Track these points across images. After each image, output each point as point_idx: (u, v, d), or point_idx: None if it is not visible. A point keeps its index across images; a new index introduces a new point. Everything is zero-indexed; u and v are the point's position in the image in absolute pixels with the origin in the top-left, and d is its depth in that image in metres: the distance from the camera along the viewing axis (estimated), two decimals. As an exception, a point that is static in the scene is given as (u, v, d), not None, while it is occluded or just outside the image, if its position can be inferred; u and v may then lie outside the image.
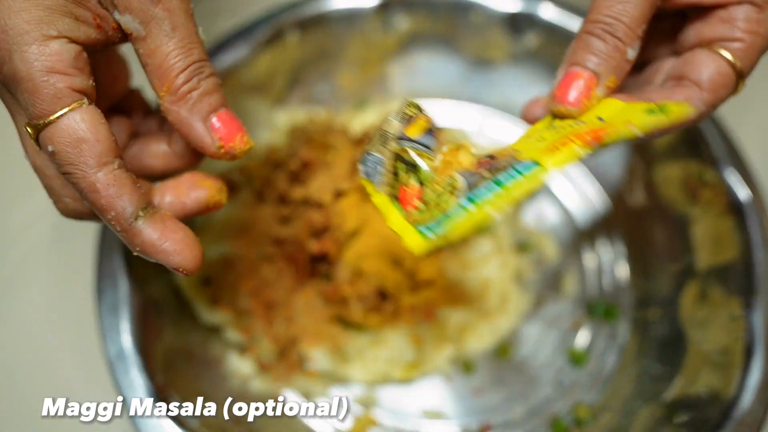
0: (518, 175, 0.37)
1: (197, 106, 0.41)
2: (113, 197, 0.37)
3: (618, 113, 0.41)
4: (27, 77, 0.34)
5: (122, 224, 0.38)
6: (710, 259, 0.68)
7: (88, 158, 0.35)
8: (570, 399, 0.71)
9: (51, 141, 0.36)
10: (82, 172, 0.36)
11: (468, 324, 0.70)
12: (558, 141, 0.39)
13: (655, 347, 0.70)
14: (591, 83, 0.42)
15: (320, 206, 0.64)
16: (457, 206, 0.38)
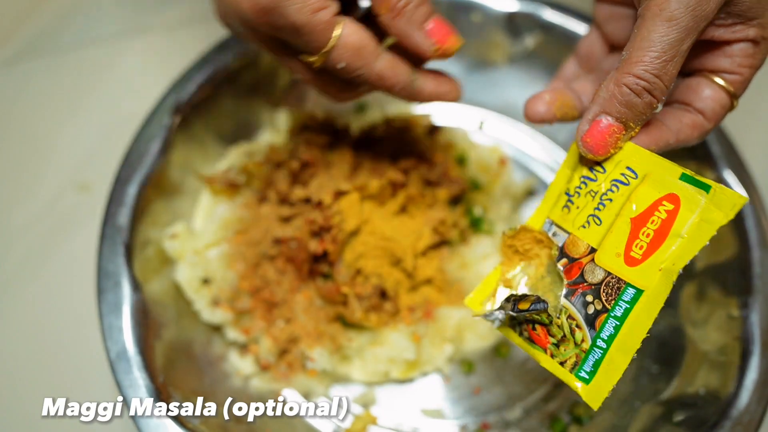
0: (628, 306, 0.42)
1: (413, 18, 0.47)
2: (395, 75, 0.49)
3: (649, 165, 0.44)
4: (304, 22, 0.44)
5: (408, 90, 0.51)
6: (708, 258, 0.69)
7: (369, 57, 0.47)
8: (568, 398, 0.71)
9: (339, 59, 0.47)
10: (368, 69, 0.47)
11: (467, 323, 0.70)
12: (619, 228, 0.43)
13: (654, 347, 0.71)
14: (620, 134, 0.43)
15: (320, 206, 0.65)
16: (595, 348, 0.43)
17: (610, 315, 0.42)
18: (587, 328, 0.44)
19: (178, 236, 0.68)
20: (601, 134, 0.43)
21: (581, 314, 0.44)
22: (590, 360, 0.43)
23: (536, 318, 0.47)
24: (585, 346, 0.44)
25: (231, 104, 0.78)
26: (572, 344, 0.44)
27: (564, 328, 0.45)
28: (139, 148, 0.67)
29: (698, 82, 0.47)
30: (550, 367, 0.46)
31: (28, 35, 1.01)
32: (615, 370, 0.42)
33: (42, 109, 0.94)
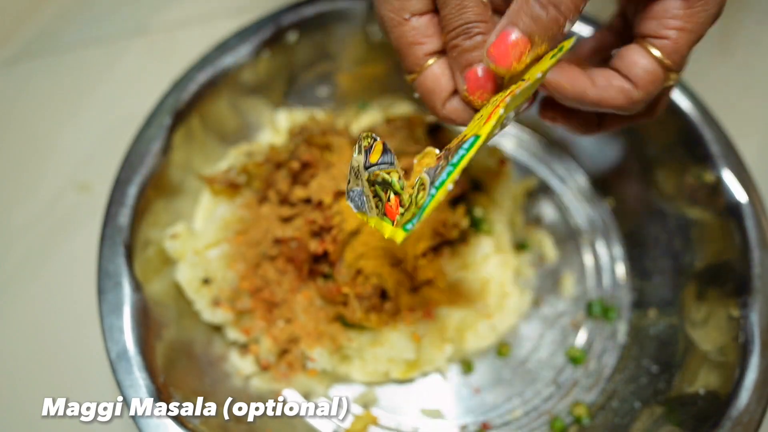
0: (465, 152, 0.42)
1: (457, 60, 0.50)
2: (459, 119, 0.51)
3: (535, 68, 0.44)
4: (399, 48, 0.51)
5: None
6: (708, 259, 0.69)
7: (437, 102, 0.51)
8: (569, 398, 0.71)
9: (416, 89, 0.52)
10: (436, 111, 0.52)
11: (467, 323, 0.71)
12: (490, 112, 0.44)
13: (654, 347, 0.71)
14: (524, 48, 0.43)
15: (321, 206, 0.65)
16: (428, 197, 0.43)
17: (449, 164, 0.42)
18: (431, 188, 0.43)
19: (179, 236, 0.68)
20: (505, 46, 0.43)
21: (429, 177, 0.44)
22: (419, 213, 0.43)
23: (389, 180, 0.47)
24: (422, 201, 0.43)
25: (231, 105, 0.78)
26: (413, 206, 0.44)
27: (412, 196, 0.45)
28: (139, 149, 0.67)
29: (634, 49, 0.46)
30: (387, 233, 0.45)
31: (29, 35, 1.01)
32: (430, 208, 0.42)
33: (42, 109, 0.94)
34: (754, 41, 0.93)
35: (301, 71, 0.82)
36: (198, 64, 0.73)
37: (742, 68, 0.92)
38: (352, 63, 0.83)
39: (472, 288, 0.71)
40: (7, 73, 0.97)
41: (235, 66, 0.75)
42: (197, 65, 0.73)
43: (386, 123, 0.75)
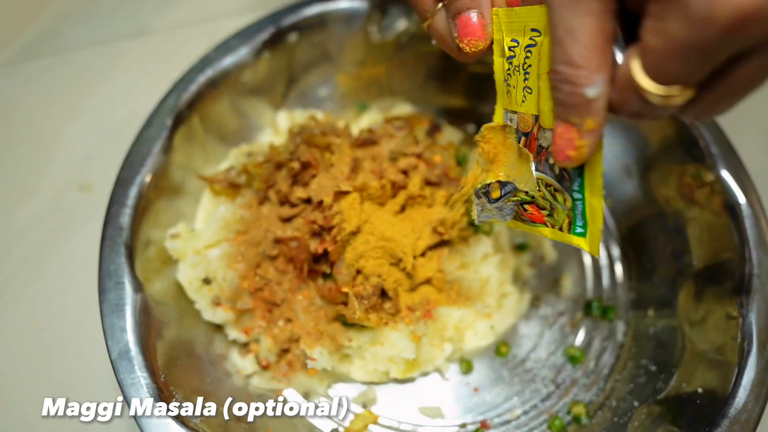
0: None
1: (449, 6, 0.52)
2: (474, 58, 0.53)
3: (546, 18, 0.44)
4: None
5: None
6: (706, 259, 0.69)
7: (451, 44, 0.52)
8: (567, 397, 0.71)
9: (432, 35, 0.55)
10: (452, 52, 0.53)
11: (467, 323, 0.71)
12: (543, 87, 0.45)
13: (652, 346, 0.71)
14: (574, 134, 0.41)
15: (321, 206, 0.65)
16: (573, 200, 0.47)
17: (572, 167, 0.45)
18: (562, 187, 0.47)
19: (180, 236, 0.68)
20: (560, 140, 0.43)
21: (553, 178, 0.47)
22: (578, 214, 0.46)
23: (518, 199, 0.50)
24: (569, 204, 0.47)
25: (232, 105, 0.78)
26: (559, 208, 0.47)
27: (548, 198, 0.48)
28: (140, 149, 0.67)
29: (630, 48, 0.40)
30: (554, 236, 0.49)
31: (30, 36, 1.01)
32: (597, 213, 0.46)
33: (44, 109, 0.94)
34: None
35: (302, 72, 0.82)
36: (198, 64, 0.73)
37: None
38: (352, 64, 0.84)
39: (472, 288, 0.71)
40: (9, 74, 0.98)
41: (236, 67, 0.75)
42: (198, 66, 0.73)
43: (386, 123, 0.75)
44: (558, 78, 0.40)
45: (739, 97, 0.39)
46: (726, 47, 0.34)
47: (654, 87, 0.37)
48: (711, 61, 0.35)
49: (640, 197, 0.79)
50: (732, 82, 0.37)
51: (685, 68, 0.36)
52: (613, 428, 0.66)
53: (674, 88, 0.37)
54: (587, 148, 0.42)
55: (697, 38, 0.33)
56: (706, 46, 0.33)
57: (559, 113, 0.42)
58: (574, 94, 0.39)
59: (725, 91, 0.38)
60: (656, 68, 0.37)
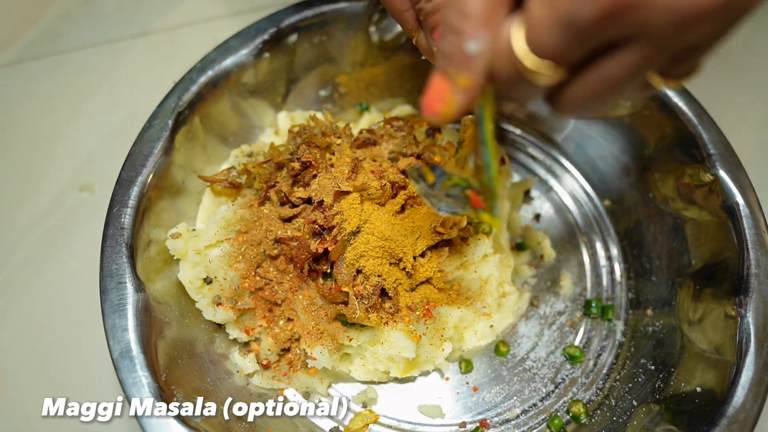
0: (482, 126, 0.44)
1: (424, 22, 0.55)
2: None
3: None
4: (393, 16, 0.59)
5: None
6: (705, 258, 0.69)
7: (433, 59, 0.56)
8: (567, 396, 0.71)
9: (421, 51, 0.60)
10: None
11: (466, 322, 0.71)
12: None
13: (651, 345, 0.71)
14: (445, 87, 0.40)
15: (321, 206, 0.65)
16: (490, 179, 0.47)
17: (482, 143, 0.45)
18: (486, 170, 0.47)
19: (181, 236, 0.69)
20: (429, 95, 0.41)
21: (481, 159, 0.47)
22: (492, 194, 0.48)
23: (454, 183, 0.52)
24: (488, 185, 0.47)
25: (232, 106, 0.78)
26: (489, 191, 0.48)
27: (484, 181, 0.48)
28: (141, 150, 0.68)
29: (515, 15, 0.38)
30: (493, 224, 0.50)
31: (32, 37, 1.01)
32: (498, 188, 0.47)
33: (45, 109, 0.95)
34: (750, 44, 0.94)
35: (302, 73, 0.83)
36: (199, 65, 0.74)
37: (738, 70, 0.92)
38: (352, 64, 0.84)
39: (471, 287, 0.71)
40: (10, 74, 0.98)
41: (236, 67, 0.75)
42: (198, 67, 0.73)
43: (386, 124, 0.75)
44: (445, 27, 0.39)
45: (603, 95, 0.39)
46: (602, 29, 0.34)
47: (528, 58, 0.37)
48: (586, 41, 0.35)
49: (638, 197, 0.79)
50: (600, 73, 0.37)
51: (561, 42, 0.35)
52: (612, 427, 0.67)
53: (546, 65, 0.37)
54: (455, 106, 0.40)
55: (578, 13, 0.33)
56: (584, 22, 0.34)
57: (439, 65, 0.40)
58: (455, 45, 0.38)
59: (592, 83, 0.38)
60: (534, 38, 0.36)
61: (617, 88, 0.38)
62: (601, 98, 0.39)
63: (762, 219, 0.65)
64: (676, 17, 0.33)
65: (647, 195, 0.78)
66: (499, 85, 0.40)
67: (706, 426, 0.57)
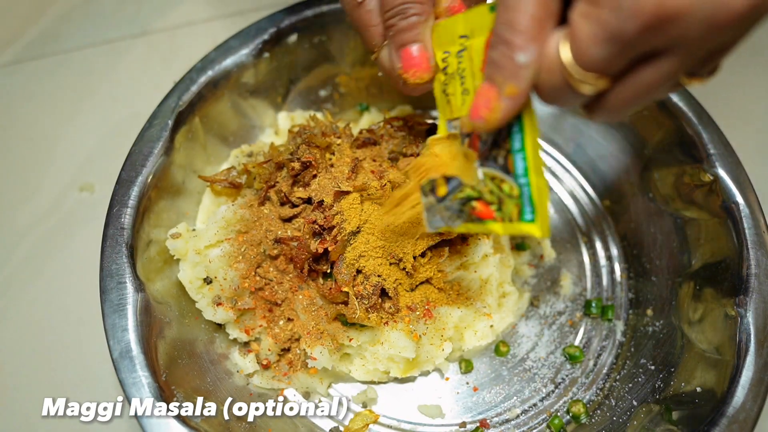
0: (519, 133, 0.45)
1: (394, 38, 0.53)
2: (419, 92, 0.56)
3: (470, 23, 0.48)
4: (358, 30, 0.56)
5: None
6: (704, 258, 0.69)
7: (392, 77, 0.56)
8: (567, 396, 0.71)
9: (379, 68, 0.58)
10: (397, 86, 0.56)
11: (466, 322, 0.71)
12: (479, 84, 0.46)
13: (651, 345, 0.71)
14: (493, 95, 0.43)
15: (321, 206, 0.65)
16: (520, 186, 0.47)
17: (513, 151, 0.46)
18: (507, 177, 0.47)
19: (181, 236, 0.69)
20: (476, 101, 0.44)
21: (499, 169, 0.48)
22: (525, 201, 0.47)
23: (465, 195, 0.51)
24: (515, 192, 0.47)
25: (232, 106, 0.78)
26: (507, 198, 0.48)
27: (494, 191, 0.49)
28: (141, 150, 0.68)
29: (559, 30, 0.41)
30: (505, 231, 0.49)
31: (32, 37, 1.01)
32: (543, 193, 0.46)
33: (46, 109, 0.95)
34: (750, 44, 0.94)
35: (302, 73, 0.83)
36: (199, 65, 0.74)
37: (738, 70, 0.92)
38: (352, 64, 0.84)
39: (471, 287, 0.71)
40: (11, 74, 0.98)
41: (236, 67, 0.75)
42: (198, 67, 0.74)
43: (386, 124, 0.75)
44: (496, 39, 0.42)
45: (640, 100, 0.41)
46: (644, 41, 0.37)
47: (575, 70, 0.39)
48: (629, 52, 0.38)
49: (638, 197, 0.79)
50: (639, 80, 0.40)
51: (606, 55, 0.38)
52: (612, 427, 0.67)
53: (591, 76, 0.40)
54: (501, 113, 0.43)
55: (623, 27, 0.36)
56: (629, 36, 0.36)
57: (487, 73, 0.43)
58: (505, 56, 0.41)
59: (631, 89, 0.40)
60: (581, 52, 0.39)
61: (653, 93, 0.41)
62: (637, 103, 0.42)
63: (762, 219, 0.65)
64: (711, 26, 0.35)
65: (647, 195, 0.78)
66: (543, 95, 0.42)
67: (706, 426, 0.57)
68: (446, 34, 0.50)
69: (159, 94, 0.72)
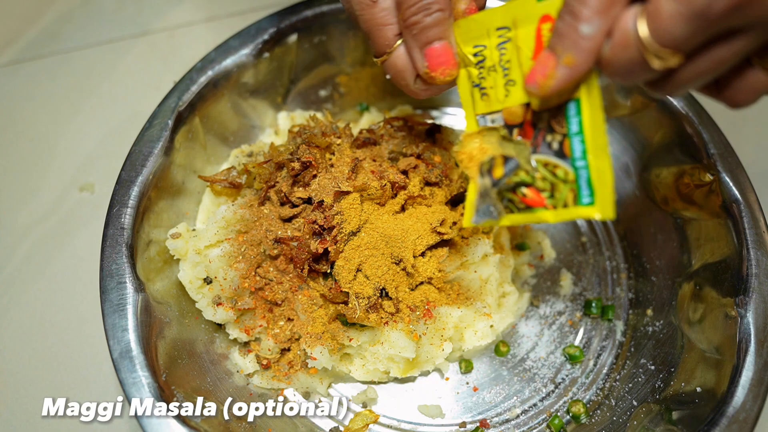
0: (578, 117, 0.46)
1: (417, 36, 0.51)
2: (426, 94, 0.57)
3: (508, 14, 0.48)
4: (369, 31, 0.54)
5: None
6: (704, 258, 0.69)
7: (409, 79, 0.55)
8: (567, 396, 0.71)
9: (387, 71, 0.56)
10: (407, 88, 0.57)
11: (466, 322, 0.71)
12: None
13: (651, 346, 0.71)
14: (551, 62, 0.43)
15: (321, 206, 0.65)
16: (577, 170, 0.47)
17: (570, 135, 0.46)
18: (563, 162, 0.48)
19: (181, 236, 0.69)
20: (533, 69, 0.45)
21: (553, 155, 0.48)
22: (583, 184, 0.47)
23: (519, 180, 0.51)
24: (571, 176, 0.47)
25: (232, 106, 0.78)
26: (561, 184, 0.48)
27: (547, 177, 0.49)
28: (141, 149, 0.68)
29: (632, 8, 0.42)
30: (557, 218, 0.49)
31: (32, 37, 1.01)
32: (606, 174, 0.46)
33: (46, 109, 0.95)
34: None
35: (302, 73, 0.83)
36: (199, 65, 0.74)
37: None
38: (352, 64, 0.84)
39: (472, 287, 0.71)
40: (11, 74, 0.98)
41: (237, 67, 0.75)
42: (198, 67, 0.74)
43: (386, 124, 0.75)
44: (565, 9, 0.42)
45: (708, 75, 0.42)
46: (729, 19, 0.38)
47: (652, 45, 0.40)
48: (711, 30, 0.39)
49: (639, 197, 0.79)
50: (712, 57, 0.41)
51: (687, 32, 0.38)
52: (612, 427, 0.67)
53: (667, 52, 0.40)
54: (555, 80, 0.44)
55: (710, 5, 0.37)
56: (715, 14, 0.37)
57: (551, 42, 0.44)
58: (570, 26, 0.42)
59: (703, 66, 0.41)
60: (661, 28, 0.39)
61: (720, 70, 0.43)
62: (704, 79, 0.43)
63: (762, 219, 0.65)
64: None
65: (647, 195, 0.78)
66: (612, 69, 0.43)
67: (707, 426, 0.57)
68: (477, 28, 0.50)
69: (159, 94, 0.72)
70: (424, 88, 0.55)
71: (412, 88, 0.56)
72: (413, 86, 0.55)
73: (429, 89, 0.55)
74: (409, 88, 0.56)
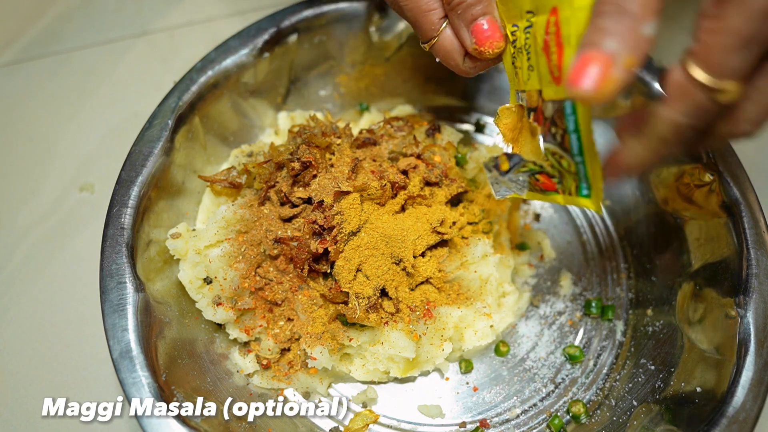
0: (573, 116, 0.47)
1: (463, 15, 0.54)
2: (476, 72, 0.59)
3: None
4: (415, 18, 0.57)
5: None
6: (704, 258, 0.69)
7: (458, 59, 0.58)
8: (567, 396, 0.71)
9: (436, 54, 0.59)
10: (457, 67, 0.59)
11: (466, 322, 0.71)
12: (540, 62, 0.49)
13: (651, 345, 0.71)
14: (607, 65, 0.39)
15: (321, 206, 0.65)
16: (576, 164, 0.49)
17: (568, 131, 0.48)
18: (565, 153, 0.49)
19: (181, 236, 0.69)
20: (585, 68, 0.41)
21: (557, 146, 0.50)
22: (582, 177, 0.49)
23: (527, 169, 0.54)
24: (572, 168, 0.49)
25: (232, 106, 0.78)
26: (566, 173, 0.50)
27: (555, 165, 0.51)
28: (141, 150, 0.68)
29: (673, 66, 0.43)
30: (566, 202, 0.52)
31: (32, 37, 1.01)
32: (597, 173, 0.48)
33: (46, 109, 0.95)
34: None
35: (302, 72, 0.83)
36: (199, 65, 0.74)
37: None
38: (352, 64, 0.84)
39: (471, 287, 0.71)
40: (11, 74, 0.98)
41: (237, 67, 0.75)
42: (198, 67, 0.74)
43: (386, 124, 0.75)
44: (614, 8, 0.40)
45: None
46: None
47: (711, 80, 0.41)
48: (759, 50, 0.40)
49: (638, 197, 0.79)
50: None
51: (740, 59, 0.40)
52: (612, 427, 0.67)
53: (727, 83, 0.41)
54: (616, 84, 0.40)
55: (756, 29, 0.39)
56: (761, 36, 0.39)
57: (594, 40, 0.40)
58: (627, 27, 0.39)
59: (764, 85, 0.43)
60: (713, 64, 0.40)
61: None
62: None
63: (762, 219, 0.65)
64: None
65: (647, 195, 0.78)
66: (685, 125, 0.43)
67: (706, 426, 0.57)
68: (514, 7, 0.52)
69: (159, 94, 0.72)
70: (472, 65, 0.58)
71: (462, 68, 0.58)
72: (462, 66, 0.58)
73: (477, 66, 0.57)
74: (459, 67, 0.58)
